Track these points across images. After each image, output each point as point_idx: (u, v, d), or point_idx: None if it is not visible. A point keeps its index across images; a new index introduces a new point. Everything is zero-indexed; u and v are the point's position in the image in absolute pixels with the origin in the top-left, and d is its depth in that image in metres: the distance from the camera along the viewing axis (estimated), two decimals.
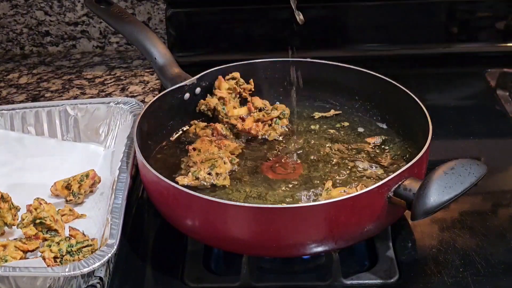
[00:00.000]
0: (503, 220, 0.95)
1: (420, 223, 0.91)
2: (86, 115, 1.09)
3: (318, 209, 0.80)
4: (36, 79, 1.33)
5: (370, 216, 0.83)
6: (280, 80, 1.12)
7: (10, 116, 1.09)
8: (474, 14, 1.34)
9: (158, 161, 1.00)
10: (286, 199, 0.92)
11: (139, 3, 1.39)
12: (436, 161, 0.85)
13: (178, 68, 1.07)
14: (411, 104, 0.98)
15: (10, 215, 0.90)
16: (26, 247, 0.85)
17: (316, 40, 1.35)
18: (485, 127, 1.16)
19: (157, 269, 0.90)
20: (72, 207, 0.95)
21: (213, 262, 0.91)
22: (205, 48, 1.37)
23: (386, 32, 1.35)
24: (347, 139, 1.04)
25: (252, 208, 0.82)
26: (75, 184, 0.97)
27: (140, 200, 1.01)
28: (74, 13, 1.40)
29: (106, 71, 1.35)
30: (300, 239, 0.82)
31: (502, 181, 1.04)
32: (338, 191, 0.87)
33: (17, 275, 0.78)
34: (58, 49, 1.44)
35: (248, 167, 0.99)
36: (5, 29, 1.42)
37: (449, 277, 0.85)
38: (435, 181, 0.79)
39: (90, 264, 0.79)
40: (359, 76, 1.07)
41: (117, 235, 0.84)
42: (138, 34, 1.09)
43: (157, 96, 1.03)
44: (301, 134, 1.06)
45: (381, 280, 0.85)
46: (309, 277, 0.87)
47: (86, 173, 0.98)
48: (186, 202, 0.84)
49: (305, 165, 0.98)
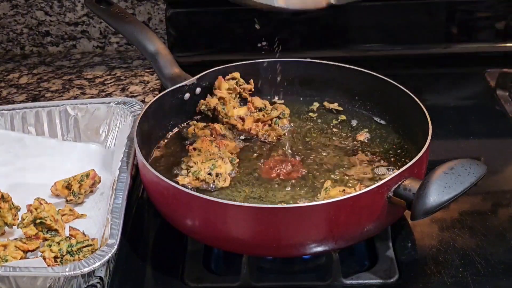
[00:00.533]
0: (503, 220, 0.96)
1: (420, 223, 0.91)
2: (86, 115, 1.09)
3: (318, 209, 0.80)
4: (36, 79, 1.33)
5: (370, 216, 0.83)
6: (280, 80, 1.12)
7: (10, 116, 1.09)
8: (474, 14, 1.34)
9: (158, 161, 1.00)
10: (286, 198, 0.92)
11: (139, 3, 1.39)
12: (436, 161, 0.85)
13: (178, 68, 1.07)
14: (411, 104, 0.98)
15: (10, 215, 0.90)
16: (26, 247, 0.86)
17: (316, 40, 1.35)
18: (485, 127, 1.16)
19: (157, 269, 0.90)
20: (72, 207, 0.95)
21: (213, 262, 0.91)
22: (205, 48, 1.37)
23: (386, 32, 1.35)
24: (347, 139, 1.04)
25: (252, 208, 0.82)
26: (75, 184, 0.97)
27: (140, 200, 1.01)
28: (74, 13, 1.40)
29: (106, 71, 1.35)
30: (300, 239, 0.82)
31: (502, 181, 1.04)
32: (337, 190, 0.88)
33: (17, 275, 0.78)
34: (58, 49, 1.44)
35: (248, 167, 0.99)
36: (5, 29, 1.42)
37: (449, 277, 0.85)
38: (435, 181, 0.79)
39: (90, 264, 0.79)
40: (359, 76, 1.07)
41: (117, 235, 0.84)
42: (138, 34, 1.09)
43: (157, 96, 1.03)
44: (301, 134, 1.06)
45: (381, 280, 0.85)
46: (309, 277, 0.87)
47: (87, 173, 0.98)
48: (186, 202, 0.84)
49: (305, 165, 0.98)
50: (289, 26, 1.33)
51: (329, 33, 1.35)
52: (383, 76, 1.05)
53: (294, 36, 1.35)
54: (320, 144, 1.03)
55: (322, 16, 1.33)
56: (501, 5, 1.32)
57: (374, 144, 1.02)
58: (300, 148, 1.03)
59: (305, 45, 1.35)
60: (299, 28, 1.35)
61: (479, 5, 1.33)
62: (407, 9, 1.33)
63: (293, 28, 1.34)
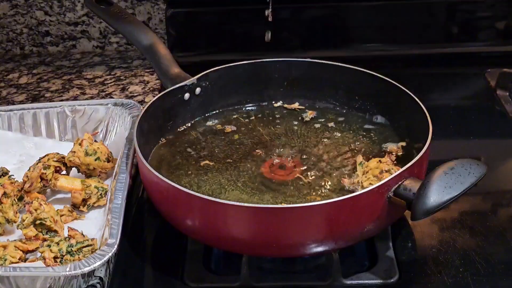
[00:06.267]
0: (503, 220, 0.96)
1: (420, 223, 0.91)
2: (84, 117, 1.09)
3: (318, 209, 0.80)
4: (36, 79, 1.33)
5: (370, 216, 0.83)
6: (280, 80, 1.12)
7: (8, 117, 1.09)
8: (474, 14, 1.34)
9: (158, 161, 1.00)
10: (285, 198, 0.92)
11: (139, 3, 1.39)
12: (436, 161, 0.85)
13: (178, 68, 1.07)
14: (411, 104, 0.98)
15: (11, 211, 0.90)
16: (26, 247, 0.86)
17: (316, 40, 1.35)
18: (485, 127, 1.16)
19: (157, 269, 0.90)
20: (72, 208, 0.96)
21: (213, 262, 0.91)
22: (205, 48, 1.37)
23: (386, 32, 1.35)
24: (346, 139, 1.04)
25: (252, 208, 0.82)
26: (93, 197, 0.96)
27: (140, 200, 1.01)
28: (74, 13, 1.40)
29: (106, 71, 1.35)
30: (300, 239, 0.82)
31: (502, 181, 1.04)
32: (375, 161, 0.90)
33: (17, 275, 0.78)
34: (58, 49, 1.44)
35: (248, 166, 0.99)
36: (5, 29, 1.42)
37: (449, 277, 0.85)
38: (435, 181, 0.79)
39: (90, 264, 0.79)
40: (359, 76, 1.07)
41: (117, 235, 0.84)
42: (138, 34, 1.09)
43: (157, 96, 1.03)
44: (301, 134, 1.06)
45: (381, 280, 0.85)
46: (309, 277, 0.87)
47: (105, 191, 0.96)
48: (186, 202, 0.84)
49: (305, 165, 0.98)
50: (289, 26, 1.33)
51: (329, 33, 1.35)
52: (383, 76, 1.04)
53: (294, 36, 1.35)
54: (319, 144, 1.03)
55: (322, 16, 1.33)
56: (501, 5, 1.32)
57: (374, 144, 1.02)
58: (299, 148, 1.02)
59: (305, 45, 1.35)
60: (299, 28, 1.35)
61: (479, 5, 1.33)
62: (407, 9, 1.33)
63: (293, 28, 1.34)
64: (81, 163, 0.97)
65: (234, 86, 1.11)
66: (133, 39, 1.10)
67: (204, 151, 1.03)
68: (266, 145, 1.04)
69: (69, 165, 0.99)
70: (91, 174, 0.99)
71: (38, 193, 0.96)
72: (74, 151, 0.98)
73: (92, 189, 0.95)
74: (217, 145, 1.04)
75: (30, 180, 0.95)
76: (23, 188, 0.95)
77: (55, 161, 0.97)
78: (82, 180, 0.97)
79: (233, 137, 1.06)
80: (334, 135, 1.05)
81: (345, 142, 1.03)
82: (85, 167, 0.98)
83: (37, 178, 0.95)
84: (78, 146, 0.98)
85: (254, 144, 1.04)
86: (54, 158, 0.98)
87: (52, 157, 0.98)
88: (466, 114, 1.19)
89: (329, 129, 1.06)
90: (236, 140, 1.05)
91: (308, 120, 1.09)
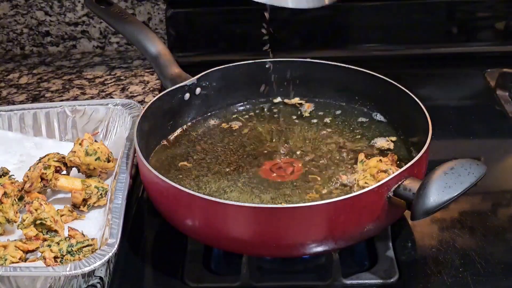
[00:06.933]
0: (503, 220, 0.96)
1: (420, 223, 0.91)
2: (84, 117, 1.09)
3: (318, 209, 0.80)
4: (36, 79, 1.33)
5: (370, 216, 0.83)
6: (280, 80, 1.12)
7: (8, 117, 1.09)
8: (474, 14, 1.34)
9: (158, 161, 1.00)
10: (285, 199, 0.92)
11: (139, 3, 1.39)
12: (436, 161, 0.85)
13: (178, 68, 1.07)
14: (411, 104, 0.98)
15: (12, 211, 0.90)
16: (26, 247, 0.86)
17: (316, 40, 1.35)
18: (485, 127, 1.16)
19: (157, 269, 0.90)
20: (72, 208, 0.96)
21: (213, 262, 0.91)
22: (205, 48, 1.37)
23: (386, 32, 1.35)
24: (346, 138, 1.04)
25: (252, 208, 0.82)
26: (94, 197, 0.96)
27: (140, 200, 1.01)
28: (74, 13, 1.40)
29: (106, 71, 1.35)
30: (300, 239, 0.82)
31: (502, 181, 1.04)
32: (375, 160, 0.90)
33: (17, 275, 0.78)
34: (58, 49, 1.44)
35: (248, 167, 0.99)
36: (5, 29, 1.42)
37: (449, 277, 0.85)
38: (435, 181, 0.79)
39: (91, 263, 0.79)
40: (359, 76, 1.07)
41: (117, 235, 0.84)
42: (138, 34, 1.09)
43: (157, 96, 1.03)
44: (301, 134, 1.06)
45: (381, 280, 0.85)
46: (309, 277, 0.87)
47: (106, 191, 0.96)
48: (186, 202, 0.84)
49: (304, 165, 0.98)
50: (289, 26, 1.33)
51: (329, 33, 1.35)
52: (383, 76, 1.04)
53: (294, 36, 1.35)
54: (319, 144, 1.03)
55: (322, 16, 1.33)
56: (501, 5, 1.32)
57: (373, 143, 1.02)
58: (299, 148, 1.02)
59: (305, 45, 1.35)
60: (299, 28, 1.35)
61: (479, 5, 1.33)
62: (407, 9, 1.33)
63: (293, 28, 1.34)
64: (82, 163, 0.97)
65: (234, 86, 1.11)
66: (133, 39, 1.10)
67: (204, 151, 1.03)
68: (266, 145, 1.04)
69: (70, 165, 0.99)
70: (91, 174, 0.99)
71: (38, 193, 0.96)
72: (75, 151, 0.98)
73: (92, 189, 0.95)
74: (217, 145, 1.04)
75: (30, 180, 0.95)
76: (24, 188, 0.95)
77: (56, 161, 0.97)
78: (82, 180, 0.97)
79: (233, 137, 1.06)
80: (333, 133, 1.05)
81: (344, 141, 1.03)
82: (86, 167, 0.98)
83: (38, 178, 0.95)
84: (78, 146, 0.98)
85: (254, 144, 1.04)
86: (55, 158, 0.98)
87: (53, 157, 0.98)
88: (466, 114, 1.19)
89: (329, 129, 1.06)
90: (236, 140, 1.05)
91: (308, 117, 1.09)
